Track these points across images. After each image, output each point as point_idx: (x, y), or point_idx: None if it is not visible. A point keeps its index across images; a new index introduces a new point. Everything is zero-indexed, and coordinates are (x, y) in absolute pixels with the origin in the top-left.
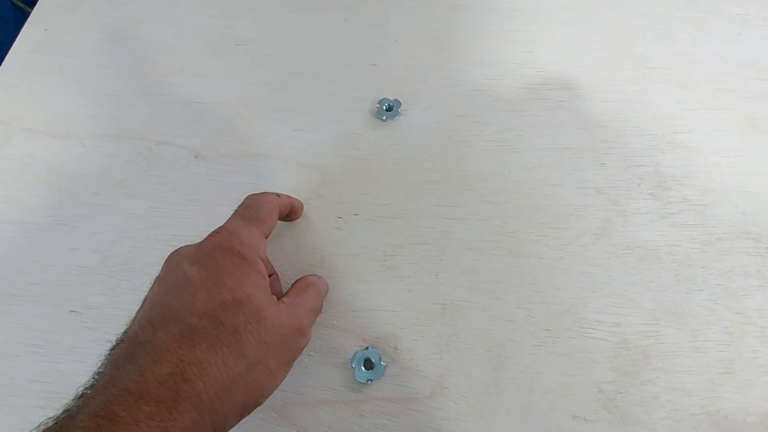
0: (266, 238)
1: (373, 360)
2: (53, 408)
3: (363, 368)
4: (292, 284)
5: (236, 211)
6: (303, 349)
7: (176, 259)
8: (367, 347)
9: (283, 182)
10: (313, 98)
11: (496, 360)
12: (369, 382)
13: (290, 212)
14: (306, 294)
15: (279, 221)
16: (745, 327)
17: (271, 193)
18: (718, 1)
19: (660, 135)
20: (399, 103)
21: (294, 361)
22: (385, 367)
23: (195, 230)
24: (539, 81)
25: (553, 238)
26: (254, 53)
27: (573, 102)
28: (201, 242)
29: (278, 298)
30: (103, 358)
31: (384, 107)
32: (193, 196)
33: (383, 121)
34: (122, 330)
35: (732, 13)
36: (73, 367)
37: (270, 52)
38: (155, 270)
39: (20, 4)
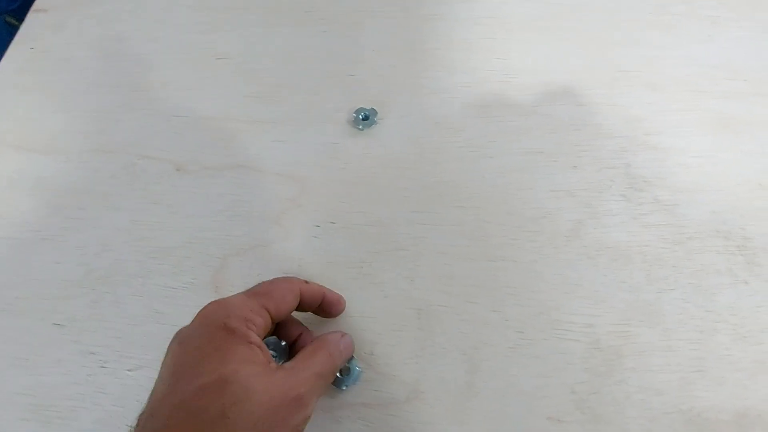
0: (272, 317)
1: (348, 365)
2: (38, 421)
3: (338, 374)
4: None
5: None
6: (306, 420)
7: (171, 343)
8: None
9: (262, 193)
10: (293, 110)
11: (470, 363)
12: (344, 388)
13: (323, 303)
14: (314, 357)
15: (316, 314)
16: (717, 325)
17: (298, 278)
18: (689, 4)
19: (631, 137)
20: (375, 112)
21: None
22: (360, 372)
23: (177, 242)
24: (512, 87)
25: (527, 241)
26: (236, 67)
27: (545, 107)
28: (194, 318)
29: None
30: None
31: (360, 116)
32: (175, 209)
33: (360, 130)
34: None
35: (702, 15)
36: (58, 379)
37: (251, 66)
38: (138, 282)
39: (13, 21)
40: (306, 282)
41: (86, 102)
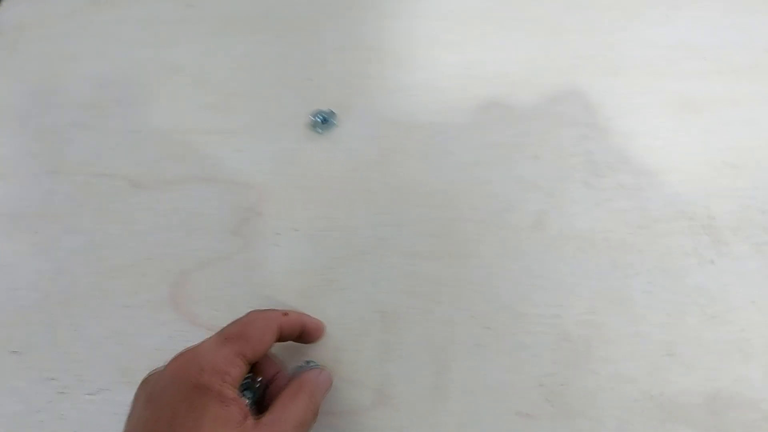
0: (248, 362)
1: (311, 366)
2: None
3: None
4: (285, 387)
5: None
6: None
7: (139, 393)
8: (308, 361)
9: (221, 204)
10: (250, 118)
11: (438, 363)
12: None
13: (303, 333)
14: (294, 404)
15: (296, 342)
16: (685, 307)
17: (276, 310)
18: None
19: (592, 123)
20: (333, 114)
21: None
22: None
23: (134, 260)
24: (471, 81)
25: (491, 236)
26: (191, 79)
27: (505, 99)
28: (164, 369)
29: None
30: None
31: (319, 119)
32: (132, 226)
33: (319, 133)
34: None
35: None
36: (17, 408)
37: (206, 77)
38: (95, 303)
39: None
40: (285, 314)
41: (38, 123)
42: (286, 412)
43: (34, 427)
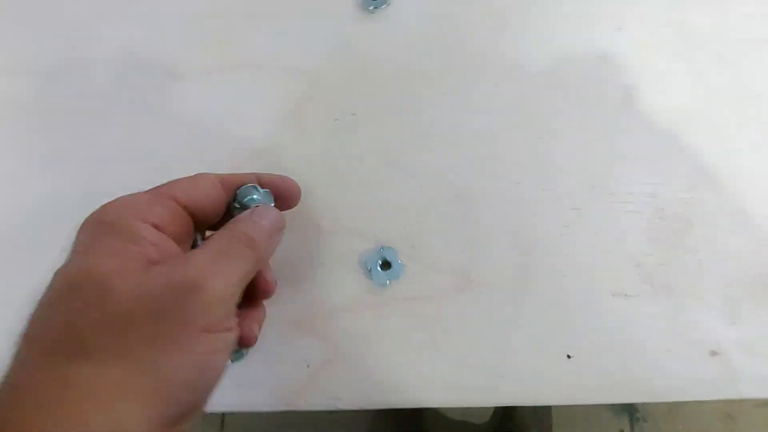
0: (182, 203)
1: (389, 260)
2: None
3: (380, 269)
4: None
5: None
6: (206, 304)
7: None
8: (381, 248)
9: (267, 91)
10: None
11: (523, 245)
12: (388, 283)
13: (285, 196)
14: (223, 235)
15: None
16: None
17: (208, 174)
18: None
19: None
20: None
21: (189, 325)
22: (404, 266)
23: (178, 151)
24: None
25: (572, 112)
26: None
27: None
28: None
29: None
30: None
31: None
32: (173, 119)
33: (371, 12)
34: None
35: None
36: None
37: None
38: None
39: None
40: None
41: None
42: (209, 243)
43: None
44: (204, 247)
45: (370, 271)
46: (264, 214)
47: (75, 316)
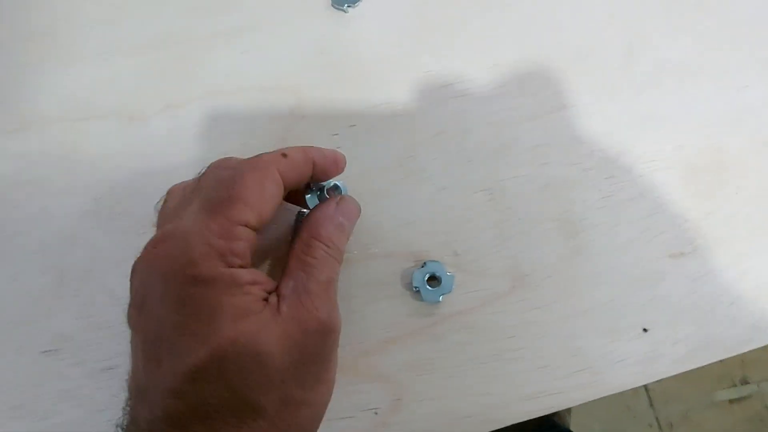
0: (253, 224)
1: (437, 274)
2: None
3: (428, 287)
4: (294, 239)
5: (197, 184)
6: (336, 339)
7: (132, 299)
8: (424, 263)
9: (253, 115)
10: (256, 8)
11: (567, 228)
12: (440, 299)
13: (317, 171)
14: (312, 262)
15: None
16: None
17: (270, 153)
18: None
19: None
20: None
21: (330, 362)
22: (452, 277)
23: None
24: None
25: (578, 78)
26: None
27: None
28: (144, 259)
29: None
30: None
31: None
32: (140, 169)
33: (345, 11)
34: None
35: None
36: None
37: None
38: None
39: None
40: (284, 155)
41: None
42: (302, 275)
43: None
44: (305, 275)
45: (418, 290)
46: (349, 214)
47: (241, 385)
